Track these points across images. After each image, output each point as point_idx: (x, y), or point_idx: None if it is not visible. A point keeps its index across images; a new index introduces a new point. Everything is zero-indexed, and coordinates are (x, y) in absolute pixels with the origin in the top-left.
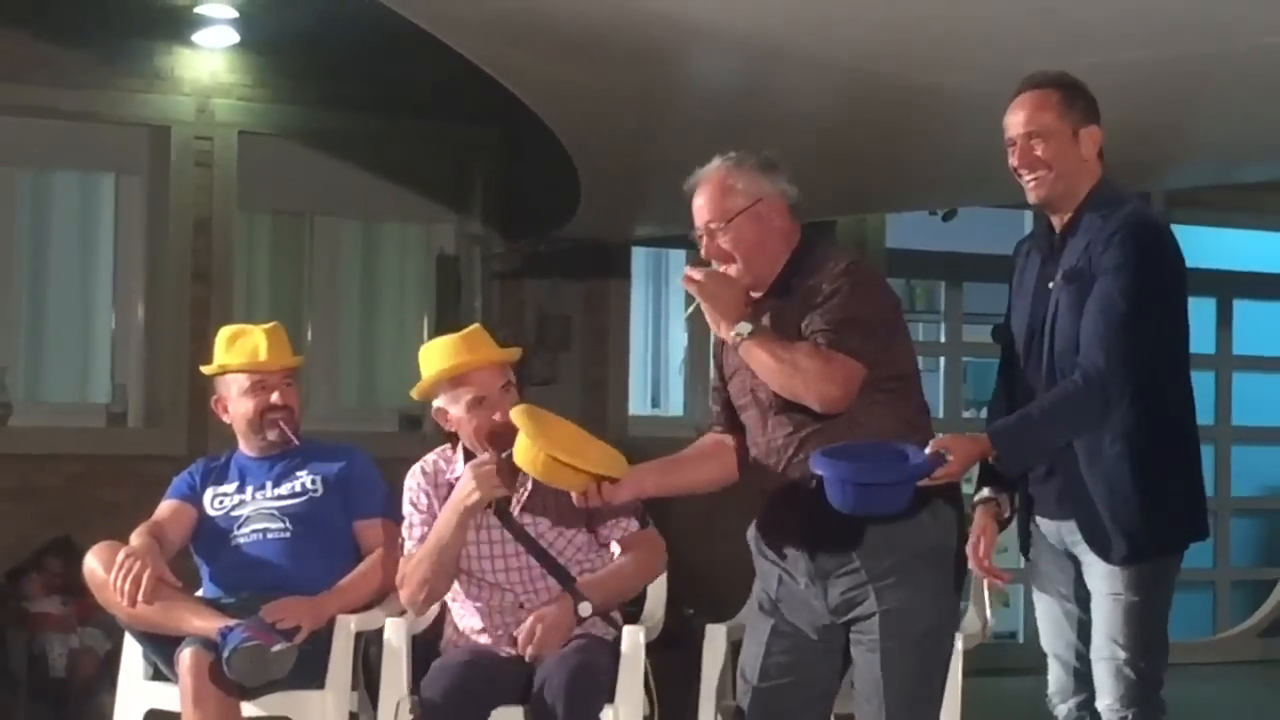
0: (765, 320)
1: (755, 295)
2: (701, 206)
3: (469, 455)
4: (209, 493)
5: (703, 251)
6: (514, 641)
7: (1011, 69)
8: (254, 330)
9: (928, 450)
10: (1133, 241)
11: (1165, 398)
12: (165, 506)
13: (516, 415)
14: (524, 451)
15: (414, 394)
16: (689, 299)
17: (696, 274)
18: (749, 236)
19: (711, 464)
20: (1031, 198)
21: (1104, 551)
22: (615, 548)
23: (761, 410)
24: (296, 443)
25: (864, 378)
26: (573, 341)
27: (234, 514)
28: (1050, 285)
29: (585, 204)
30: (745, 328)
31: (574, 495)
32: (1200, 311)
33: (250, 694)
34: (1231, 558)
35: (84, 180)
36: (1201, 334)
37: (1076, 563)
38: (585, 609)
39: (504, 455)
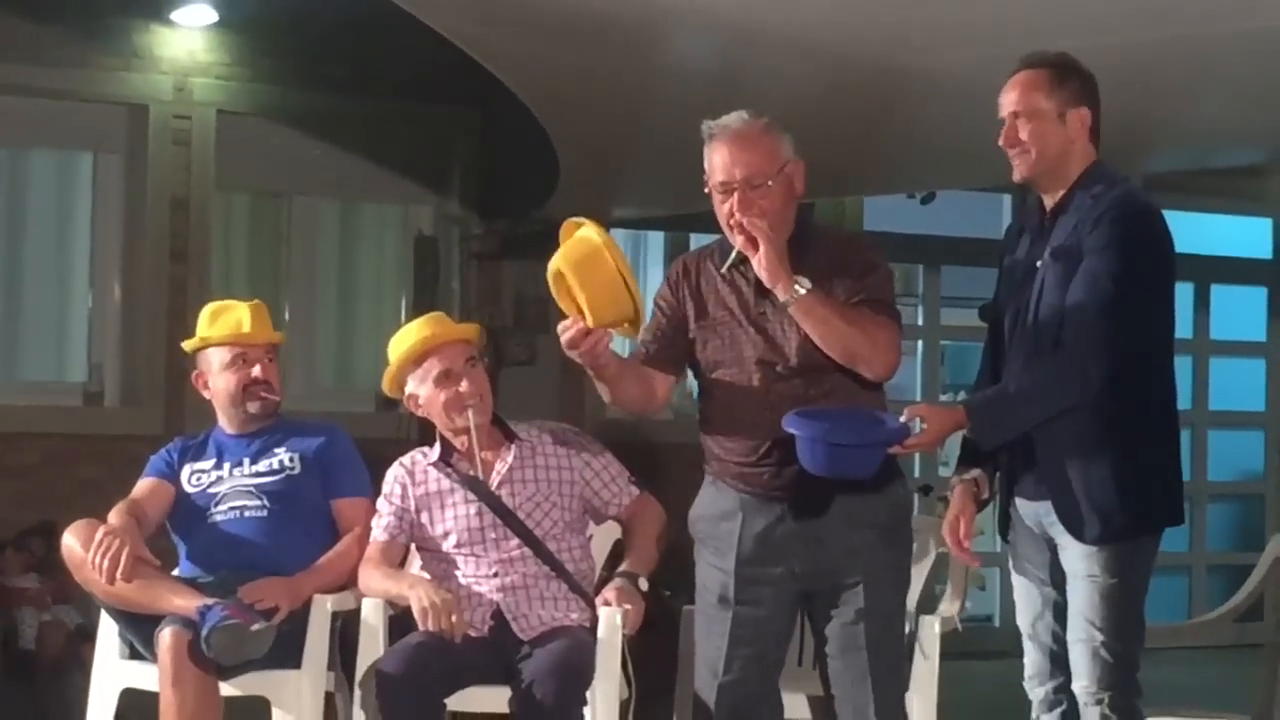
0: None
1: None
2: (736, 161)
3: (446, 446)
4: (186, 469)
5: (731, 206)
6: (493, 617)
7: (990, 52)
8: (237, 305)
9: (903, 418)
10: (1122, 223)
11: (1147, 381)
12: (143, 484)
13: (578, 225)
14: (563, 252)
15: (385, 385)
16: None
17: (760, 221)
18: (778, 197)
19: (643, 385)
20: (1015, 176)
21: (1077, 532)
22: (593, 540)
23: (765, 371)
24: (277, 415)
25: None
26: (551, 323)
27: (211, 491)
28: (1038, 264)
29: (564, 185)
30: (807, 283)
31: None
32: (1178, 296)
33: (227, 673)
34: (1207, 542)
35: (61, 159)
36: (1179, 319)
37: (1053, 545)
38: (643, 584)
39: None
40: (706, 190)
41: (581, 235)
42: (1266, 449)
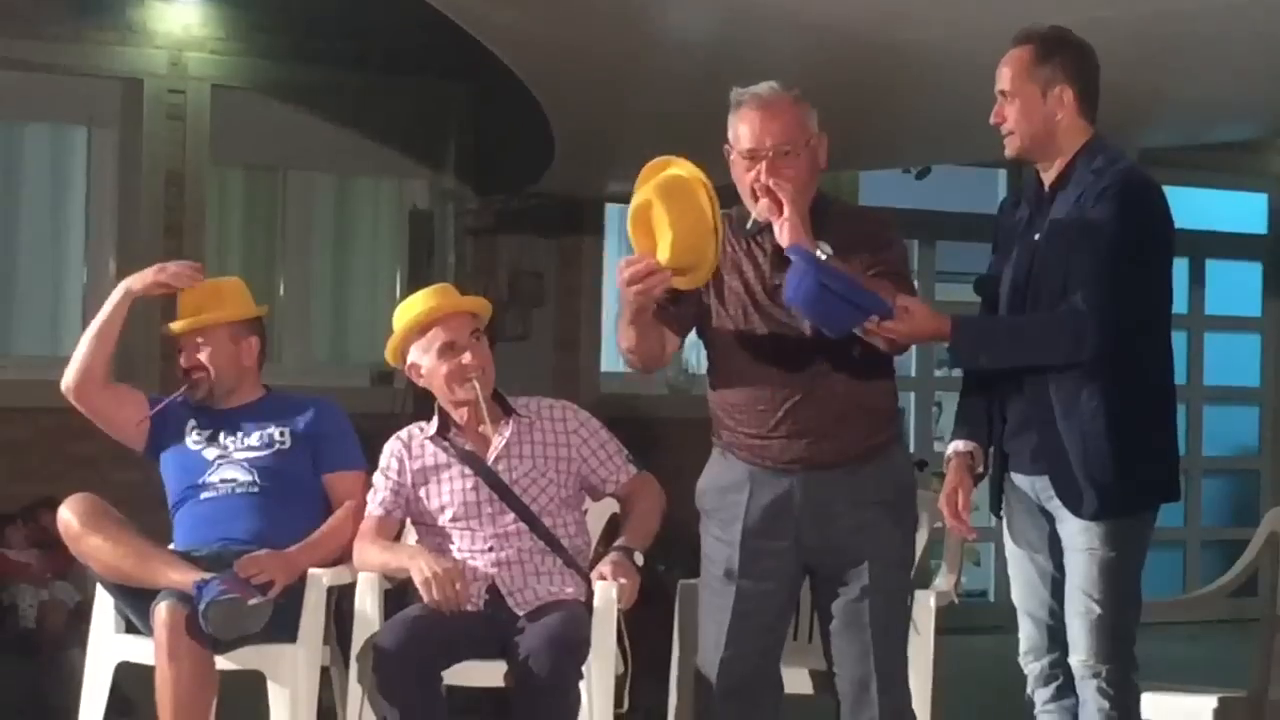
0: None
1: None
2: (766, 129)
3: (444, 420)
4: (190, 426)
5: (758, 172)
6: (490, 592)
7: (986, 26)
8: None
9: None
10: (1125, 197)
11: (1144, 356)
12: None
13: (667, 163)
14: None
15: (388, 354)
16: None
17: (787, 185)
18: (804, 168)
19: (661, 341)
20: (1006, 152)
21: (1075, 506)
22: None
23: (778, 342)
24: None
25: None
26: (545, 298)
27: (205, 455)
28: (1037, 237)
29: (559, 159)
30: (827, 249)
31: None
32: (1173, 272)
33: (223, 648)
34: (1202, 518)
35: (55, 133)
36: (1174, 294)
37: (1050, 519)
38: (639, 559)
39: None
40: (730, 157)
41: (674, 172)
42: (1261, 424)
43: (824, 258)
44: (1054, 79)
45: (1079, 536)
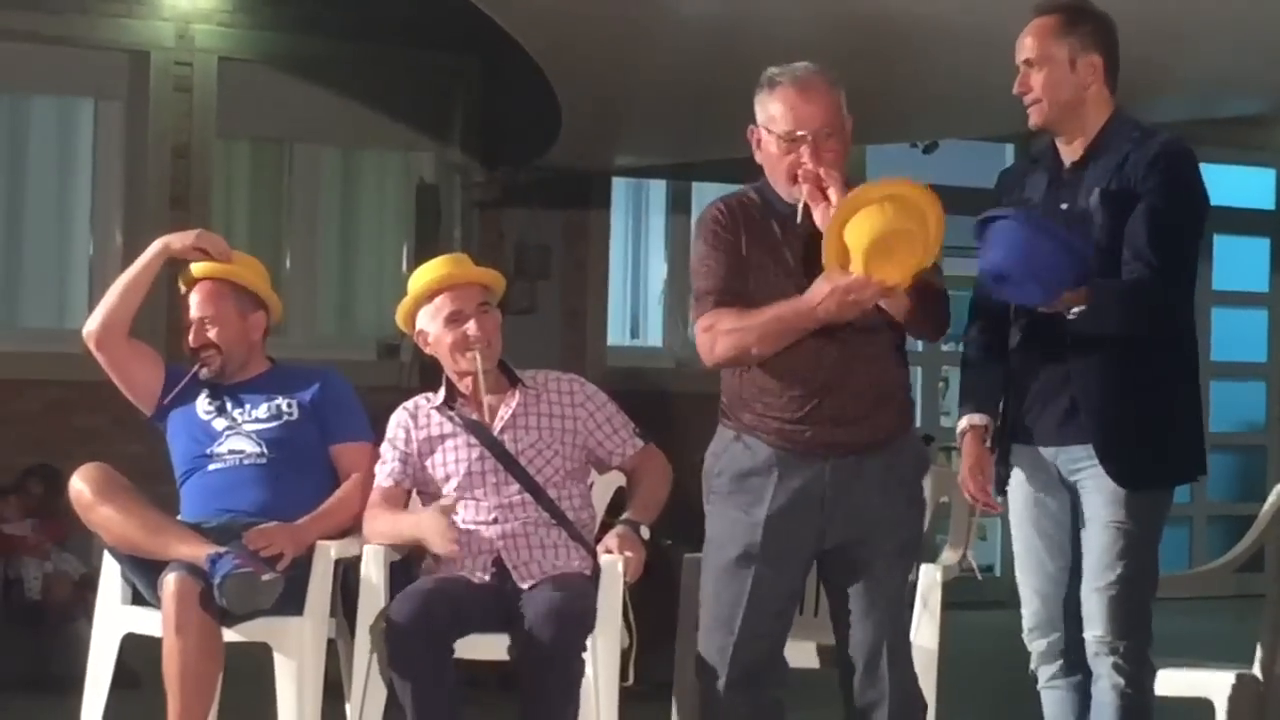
0: None
1: None
2: (809, 112)
3: (451, 391)
4: (202, 394)
5: (798, 156)
6: (492, 565)
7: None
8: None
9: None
10: (1178, 167)
11: (1183, 328)
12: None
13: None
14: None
15: (398, 318)
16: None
17: (836, 171)
18: (841, 151)
19: None
20: (1030, 123)
21: (1119, 473)
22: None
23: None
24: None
25: None
26: (552, 271)
27: (215, 425)
28: (1063, 207)
29: (566, 132)
30: None
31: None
32: None
33: (233, 620)
34: (1209, 493)
35: (62, 105)
36: None
37: (1072, 491)
38: (645, 532)
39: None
40: (757, 137)
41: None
42: (1268, 400)
43: None
44: (1083, 47)
45: (1105, 510)
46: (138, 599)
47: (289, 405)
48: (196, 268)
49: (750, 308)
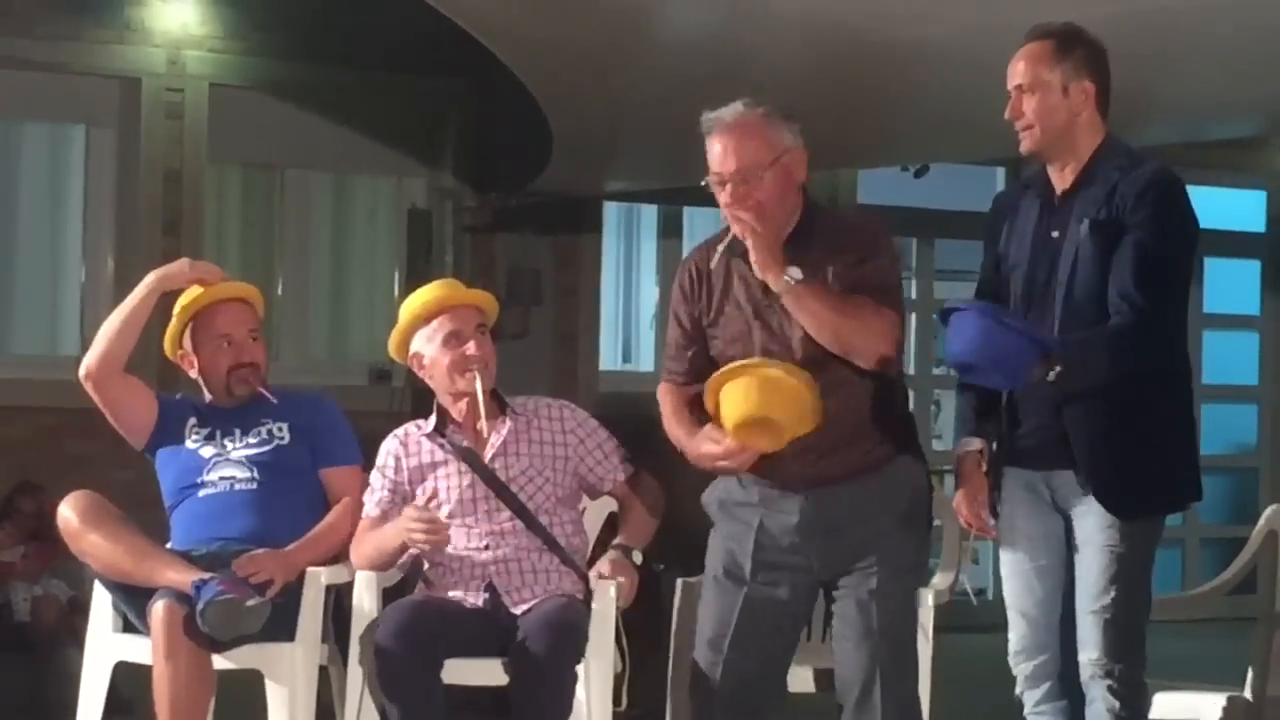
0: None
1: None
2: (728, 153)
3: (442, 417)
4: (191, 425)
5: (724, 199)
6: (489, 590)
7: (987, 24)
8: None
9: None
10: (1167, 198)
11: (1177, 356)
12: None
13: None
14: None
15: (391, 345)
16: (715, 248)
17: (746, 214)
18: (773, 188)
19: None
20: (1022, 149)
21: (1111, 503)
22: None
23: (785, 356)
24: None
25: None
26: (544, 296)
27: (202, 453)
28: (1054, 235)
29: (557, 157)
30: (797, 273)
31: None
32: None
33: (221, 647)
34: (1201, 515)
35: (54, 132)
36: None
37: (1063, 516)
38: (637, 557)
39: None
40: (704, 182)
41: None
42: (1260, 422)
43: (793, 282)
44: (1076, 73)
45: (1099, 534)
46: (129, 627)
47: (280, 429)
48: (224, 288)
49: (709, 368)
